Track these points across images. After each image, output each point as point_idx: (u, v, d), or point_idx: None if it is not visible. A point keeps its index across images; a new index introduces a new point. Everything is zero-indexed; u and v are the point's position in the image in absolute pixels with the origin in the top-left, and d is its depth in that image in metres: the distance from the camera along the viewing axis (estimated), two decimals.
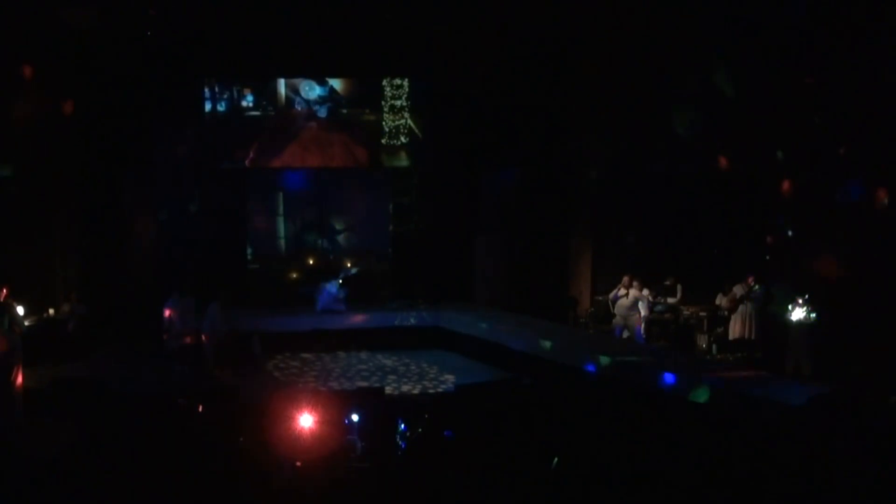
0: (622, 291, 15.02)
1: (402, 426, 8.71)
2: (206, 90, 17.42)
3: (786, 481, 7.04)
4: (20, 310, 13.41)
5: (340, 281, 16.99)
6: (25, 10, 14.43)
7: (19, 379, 9.77)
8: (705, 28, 14.39)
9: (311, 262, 18.61)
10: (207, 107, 17.45)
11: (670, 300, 15.77)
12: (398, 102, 18.01)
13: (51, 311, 14.71)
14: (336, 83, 17.90)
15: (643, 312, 14.90)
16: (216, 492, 7.00)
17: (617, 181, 16.72)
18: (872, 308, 12.04)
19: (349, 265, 17.62)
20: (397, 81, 17.97)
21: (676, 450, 7.85)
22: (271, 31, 16.32)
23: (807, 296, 12.80)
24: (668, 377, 11.44)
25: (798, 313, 12.80)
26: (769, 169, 14.43)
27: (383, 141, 18.13)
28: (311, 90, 17.83)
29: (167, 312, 13.96)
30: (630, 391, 11.70)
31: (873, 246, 12.35)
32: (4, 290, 12.94)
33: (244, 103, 17.64)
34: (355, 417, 8.71)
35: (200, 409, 9.24)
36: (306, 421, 8.30)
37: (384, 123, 18.07)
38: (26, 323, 13.63)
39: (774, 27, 13.32)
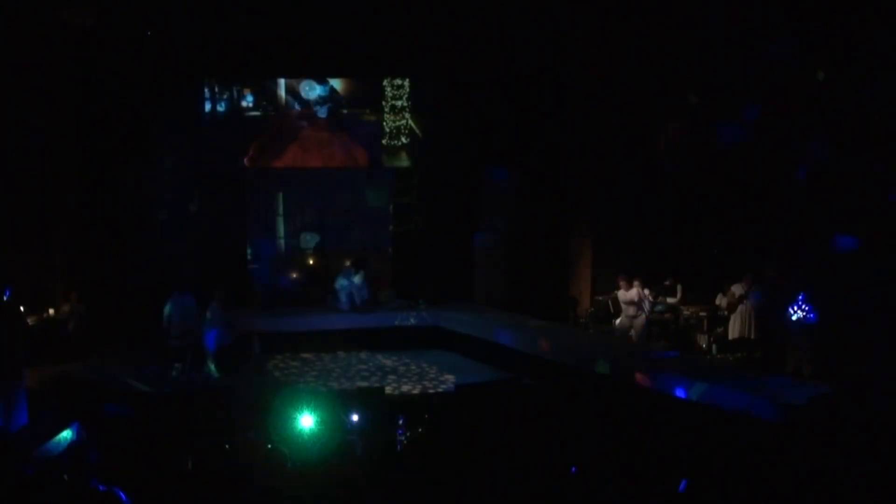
0: (621, 293, 15.04)
1: (402, 426, 8.70)
2: (206, 90, 17.42)
3: (786, 481, 7.04)
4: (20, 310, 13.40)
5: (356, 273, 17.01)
6: (25, 10, 14.43)
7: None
8: (705, 26, 14.40)
9: (311, 262, 18.60)
10: (207, 107, 17.45)
11: (670, 300, 15.75)
12: (399, 102, 17.99)
13: (51, 311, 14.71)
14: (336, 83, 17.89)
15: (646, 310, 14.89)
16: (215, 492, 6.99)
17: (617, 181, 16.69)
18: (872, 308, 12.03)
19: (348, 263, 17.57)
20: (398, 81, 17.96)
21: (676, 450, 7.84)
22: (271, 31, 16.31)
23: (806, 296, 12.78)
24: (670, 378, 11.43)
25: (798, 313, 12.79)
26: (769, 168, 14.42)
27: (384, 141, 18.12)
28: (311, 90, 17.81)
29: (167, 312, 13.98)
30: (629, 391, 11.69)
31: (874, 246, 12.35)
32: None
33: (244, 103, 17.63)
34: (355, 417, 8.72)
35: (200, 409, 9.24)
36: (306, 421, 8.29)
37: (385, 123, 18.06)
38: (28, 321, 13.63)
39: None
